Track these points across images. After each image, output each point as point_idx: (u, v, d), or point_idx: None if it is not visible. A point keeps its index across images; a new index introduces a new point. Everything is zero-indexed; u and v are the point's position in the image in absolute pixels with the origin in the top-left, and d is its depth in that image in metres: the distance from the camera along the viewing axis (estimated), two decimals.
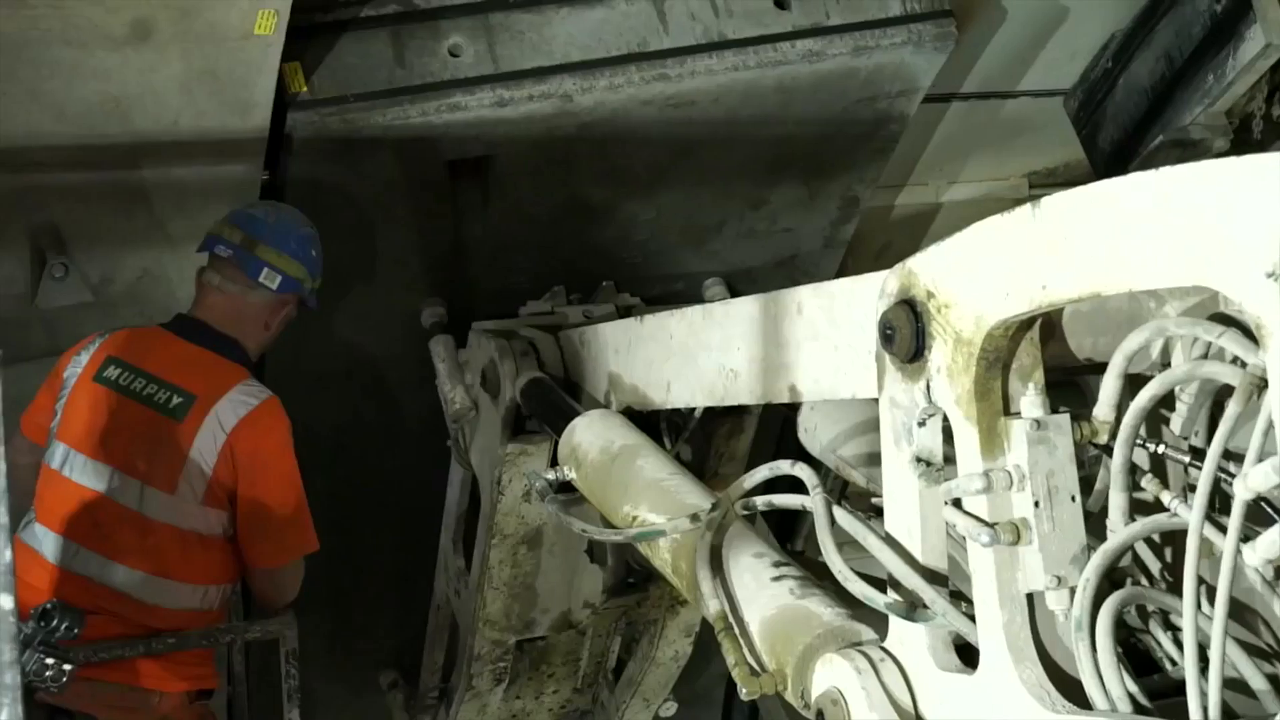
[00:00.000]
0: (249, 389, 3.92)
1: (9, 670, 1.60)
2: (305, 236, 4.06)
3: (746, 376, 2.95)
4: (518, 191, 4.39)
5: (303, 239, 4.05)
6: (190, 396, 3.87)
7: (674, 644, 4.75)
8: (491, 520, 4.24)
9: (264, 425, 3.89)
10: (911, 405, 2.28)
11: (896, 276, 2.29)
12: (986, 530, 2.12)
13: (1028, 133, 5.04)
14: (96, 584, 3.83)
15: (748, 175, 4.60)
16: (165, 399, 3.87)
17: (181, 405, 3.86)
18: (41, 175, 3.86)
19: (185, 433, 3.83)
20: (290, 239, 4.02)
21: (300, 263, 4.04)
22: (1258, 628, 2.23)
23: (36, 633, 2.69)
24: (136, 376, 3.90)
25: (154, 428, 3.85)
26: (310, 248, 4.07)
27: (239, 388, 3.91)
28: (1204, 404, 2.23)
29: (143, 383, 3.90)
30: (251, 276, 3.99)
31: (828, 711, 2.35)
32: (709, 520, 2.77)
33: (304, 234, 4.06)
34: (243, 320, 4.03)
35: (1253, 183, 1.69)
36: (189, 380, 3.89)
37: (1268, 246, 1.65)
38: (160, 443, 3.84)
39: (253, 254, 3.99)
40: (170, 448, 3.84)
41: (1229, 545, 1.82)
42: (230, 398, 3.88)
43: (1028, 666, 2.12)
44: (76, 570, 3.85)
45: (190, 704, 3.99)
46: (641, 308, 4.50)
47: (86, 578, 3.83)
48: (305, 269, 4.05)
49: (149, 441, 3.85)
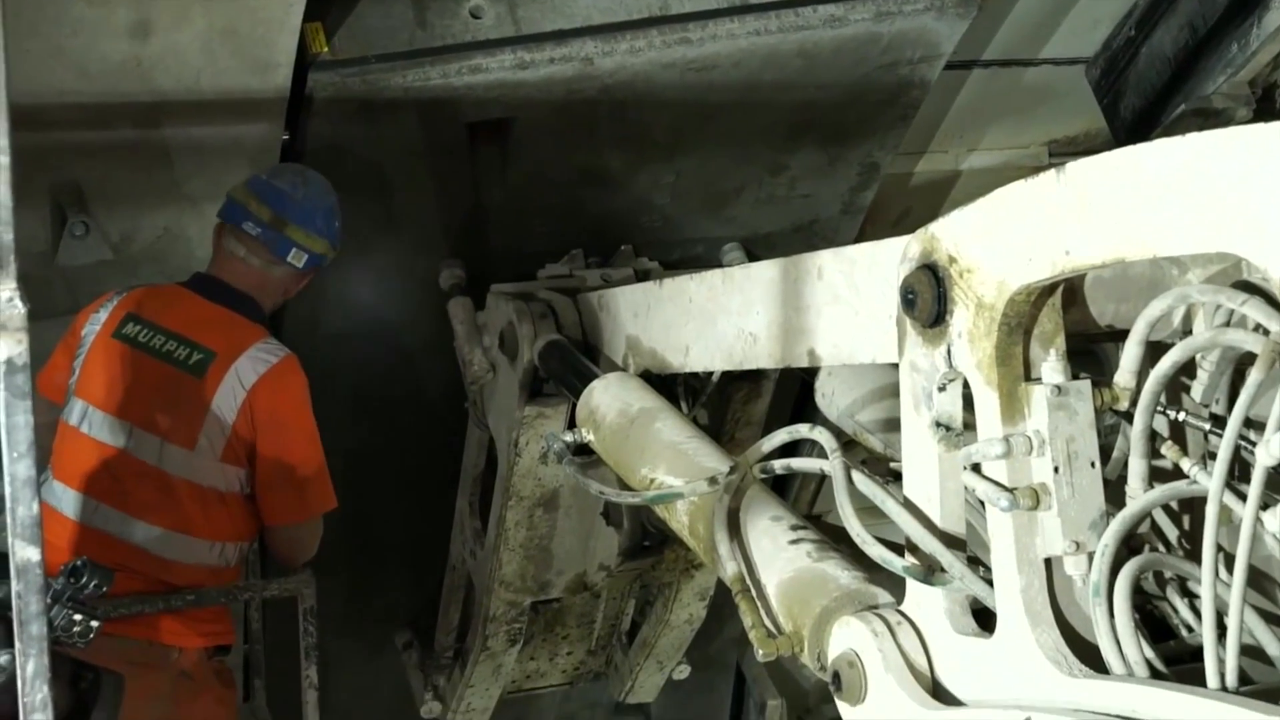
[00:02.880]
0: (268, 346, 3.94)
1: (36, 621, 1.62)
2: (329, 209, 4.07)
3: (765, 340, 2.95)
4: (537, 154, 4.39)
5: (327, 212, 4.06)
6: (210, 353, 3.88)
7: (688, 607, 4.77)
8: (508, 482, 4.25)
9: (283, 382, 3.91)
10: (932, 370, 2.28)
11: (919, 241, 2.28)
12: (1006, 495, 2.12)
13: (1049, 101, 5.02)
14: (116, 540, 3.85)
15: (767, 140, 4.59)
16: (185, 355, 3.88)
17: (201, 362, 3.88)
18: (62, 133, 3.87)
19: (206, 389, 3.85)
20: (317, 215, 4.04)
21: (325, 239, 4.07)
22: (1275, 595, 2.23)
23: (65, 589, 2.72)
24: (156, 333, 3.92)
25: (174, 384, 3.87)
26: (334, 219, 4.09)
27: (258, 345, 3.93)
28: (1225, 372, 2.23)
29: (162, 339, 3.91)
30: (279, 256, 4.01)
31: (844, 674, 2.36)
32: (727, 483, 2.78)
33: (328, 207, 4.07)
34: (264, 288, 4.06)
35: (1278, 151, 1.68)
36: (209, 337, 3.91)
37: None
38: (180, 399, 3.86)
39: (282, 234, 4.00)
40: (190, 404, 3.85)
41: (1249, 512, 1.83)
42: (250, 355, 3.90)
43: (1045, 631, 2.13)
44: (96, 526, 3.87)
45: (208, 659, 4.02)
46: (660, 271, 4.49)
47: (106, 533, 3.86)
48: (329, 243, 4.08)
49: (168, 398, 3.86)
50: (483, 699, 4.89)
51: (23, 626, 1.65)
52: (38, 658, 1.63)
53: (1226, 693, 1.88)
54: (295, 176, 4.08)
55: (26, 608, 1.65)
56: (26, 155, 3.94)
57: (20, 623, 1.62)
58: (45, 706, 1.67)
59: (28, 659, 1.63)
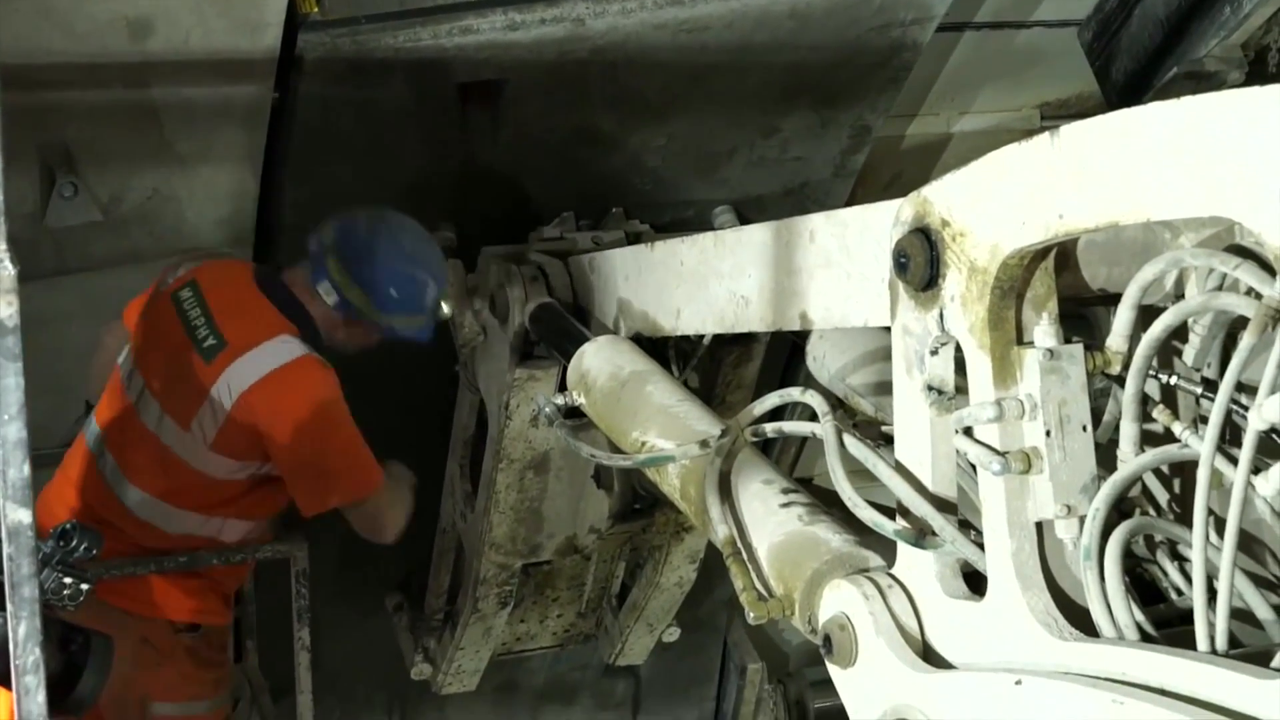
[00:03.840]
0: (282, 344, 3.83)
1: (28, 584, 1.61)
2: (385, 271, 3.91)
3: (757, 304, 2.95)
4: (528, 116, 4.37)
5: (381, 273, 3.91)
6: (223, 342, 3.81)
7: (678, 570, 4.78)
8: (499, 445, 4.25)
9: (288, 383, 3.80)
10: (924, 334, 2.28)
11: (911, 204, 2.28)
12: (997, 459, 2.13)
13: (1040, 64, 5.00)
14: (111, 494, 3.86)
15: (759, 102, 4.58)
16: (204, 336, 3.83)
17: (213, 348, 3.81)
18: (51, 94, 3.84)
19: (208, 376, 3.80)
20: (370, 268, 3.90)
21: (367, 295, 3.91)
22: (1265, 559, 2.24)
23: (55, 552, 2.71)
24: (197, 305, 3.87)
25: (186, 359, 3.83)
26: (388, 285, 3.92)
27: (273, 341, 3.83)
28: (1217, 336, 2.23)
29: (197, 313, 3.86)
30: (311, 281, 3.92)
31: (835, 637, 2.37)
32: (718, 446, 2.78)
33: (385, 269, 3.91)
34: (313, 307, 3.95)
35: (1273, 114, 1.68)
36: (231, 325, 3.84)
37: None
38: (186, 377, 3.83)
39: (323, 263, 3.91)
40: (192, 385, 3.82)
41: (1240, 476, 1.83)
42: (259, 351, 3.81)
43: (1036, 594, 2.14)
44: (102, 474, 3.89)
45: (175, 634, 3.99)
46: (651, 234, 4.49)
47: (105, 485, 3.87)
48: (369, 300, 3.92)
49: (178, 371, 3.84)
50: (473, 661, 4.91)
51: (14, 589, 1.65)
52: (29, 620, 1.63)
53: (1216, 655, 1.88)
54: (384, 219, 3.99)
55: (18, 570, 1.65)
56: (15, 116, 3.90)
57: (12, 585, 1.62)
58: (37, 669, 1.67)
59: (19, 621, 1.63)
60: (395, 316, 3.96)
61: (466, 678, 4.99)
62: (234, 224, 4.39)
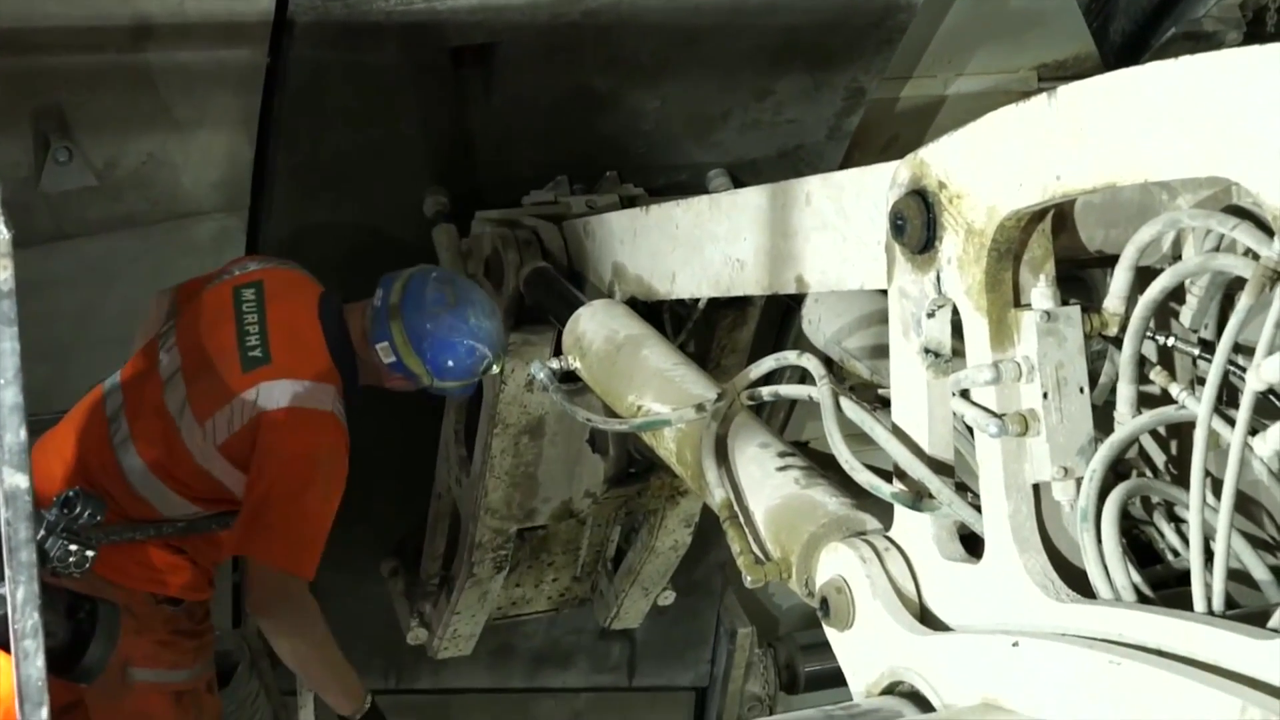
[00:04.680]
0: (321, 392, 3.79)
1: (25, 548, 1.61)
2: (449, 345, 3.87)
3: (753, 267, 2.95)
4: (521, 79, 4.35)
5: (444, 345, 3.87)
6: (267, 359, 3.78)
7: (673, 534, 4.78)
8: (494, 410, 4.25)
9: (307, 425, 3.75)
10: (921, 296, 2.27)
11: (908, 167, 2.27)
12: (995, 421, 2.13)
13: (1038, 25, 4.96)
14: (113, 458, 3.85)
15: (753, 65, 4.55)
16: (252, 345, 3.79)
17: (256, 360, 3.77)
18: (44, 58, 3.82)
19: (241, 383, 3.75)
20: (430, 337, 3.87)
21: (425, 364, 3.89)
22: (1261, 520, 2.25)
23: (60, 520, 2.70)
24: (255, 310, 3.84)
25: (226, 359, 3.79)
26: (447, 356, 3.88)
27: (314, 384, 3.78)
28: (1215, 297, 2.23)
29: (254, 319, 3.82)
30: (371, 339, 3.90)
31: (832, 599, 2.38)
32: (714, 410, 2.78)
33: (450, 342, 3.87)
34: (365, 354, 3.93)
35: (1273, 73, 1.67)
36: (281, 347, 3.80)
37: None
38: (219, 375, 3.79)
39: (388, 323, 3.88)
40: (222, 385, 3.77)
41: (1237, 437, 1.83)
42: (293, 383, 3.76)
43: (1032, 556, 2.14)
44: (111, 436, 3.86)
45: (156, 605, 3.98)
46: (645, 198, 4.47)
47: (111, 448, 3.84)
48: (427, 370, 3.90)
49: (214, 366, 3.80)
50: (469, 626, 4.91)
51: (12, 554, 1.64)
52: (27, 585, 1.62)
53: (1213, 616, 1.89)
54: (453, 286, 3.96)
55: (16, 535, 1.64)
56: (9, 80, 3.93)
57: (9, 550, 1.62)
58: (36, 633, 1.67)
59: (18, 586, 1.63)
60: (447, 383, 3.96)
61: (462, 642, 5.00)
62: (229, 188, 4.37)
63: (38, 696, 1.67)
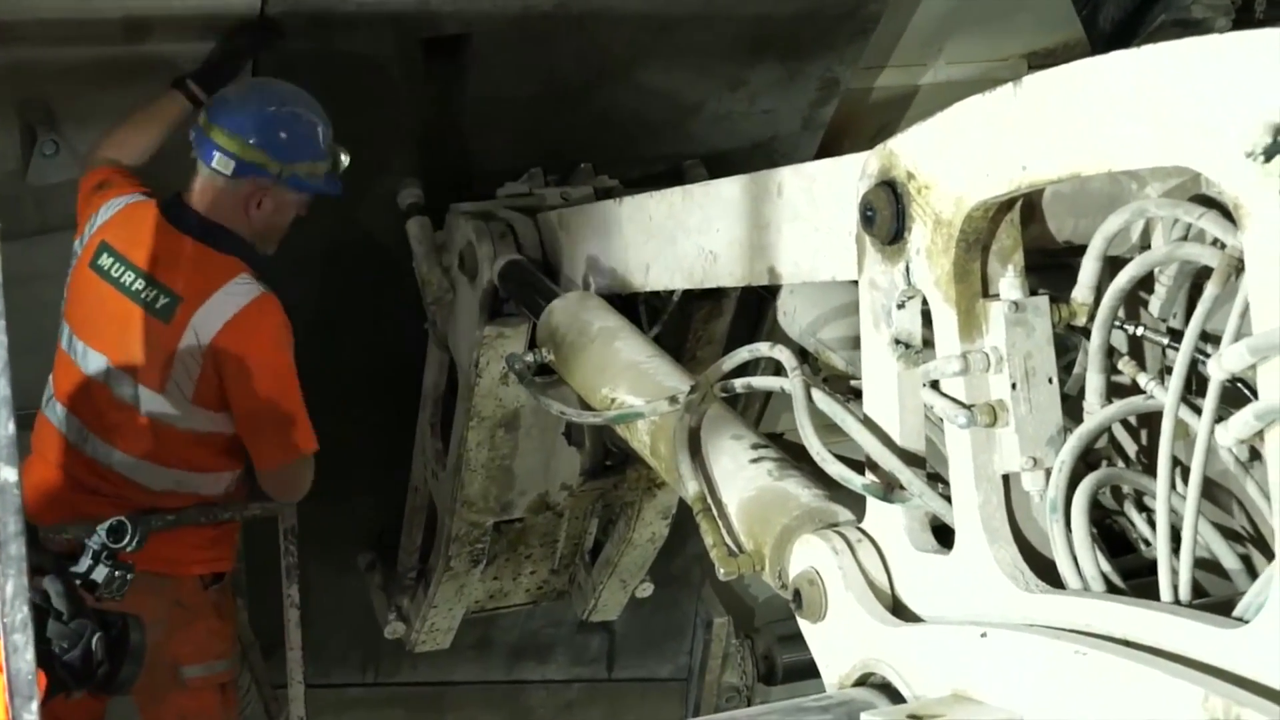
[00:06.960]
0: (238, 287, 3.83)
1: (14, 542, 1.61)
2: (270, 116, 3.87)
3: (726, 258, 2.94)
4: (494, 71, 4.34)
5: (267, 119, 3.86)
6: (176, 298, 3.80)
7: (651, 526, 4.78)
8: (469, 403, 4.24)
9: (250, 325, 3.81)
10: (891, 287, 2.27)
11: (877, 157, 2.27)
12: (964, 412, 2.13)
13: (1027, 11, 4.94)
14: (101, 466, 3.85)
15: (727, 55, 4.55)
16: (153, 298, 3.81)
17: (167, 306, 3.80)
18: (31, 50, 3.82)
19: (171, 334, 3.78)
20: (246, 118, 3.85)
21: (259, 147, 3.85)
22: (1231, 508, 2.25)
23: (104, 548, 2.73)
24: (127, 269, 3.83)
25: (143, 325, 3.80)
26: (276, 129, 3.87)
27: (227, 286, 3.82)
28: (1183, 286, 2.23)
29: (132, 277, 3.83)
30: (205, 161, 3.88)
31: (805, 591, 2.37)
32: (688, 402, 2.77)
33: (268, 114, 3.87)
34: (220, 206, 3.90)
35: (1232, 61, 1.67)
36: (176, 279, 3.82)
37: (1247, 126, 1.64)
38: (148, 342, 3.80)
39: (207, 136, 3.87)
40: (158, 348, 3.80)
41: (1203, 425, 1.83)
42: (216, 298, 3.80)
43: (1002, 547, 2.14)
44: (86, 452, 3.89)
45: (204, 589, 4.01)
46: (620, 190, 4.46)
47: (94, 460, 3.87)
48: (265, 153, 3.86)
49: (138, 339, 3.81)
50: (446, 619, 4.91)
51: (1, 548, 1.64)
52: (16, 578, 1.62)
53: (1179, 605, 1.89)
54: (250, 82, 3.98)
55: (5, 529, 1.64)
56: None
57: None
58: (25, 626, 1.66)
59: (6, 579, 1.62)
60: (298, 164, 3.92)
61: (440, 636, 4.99)
62: None
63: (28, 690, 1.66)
